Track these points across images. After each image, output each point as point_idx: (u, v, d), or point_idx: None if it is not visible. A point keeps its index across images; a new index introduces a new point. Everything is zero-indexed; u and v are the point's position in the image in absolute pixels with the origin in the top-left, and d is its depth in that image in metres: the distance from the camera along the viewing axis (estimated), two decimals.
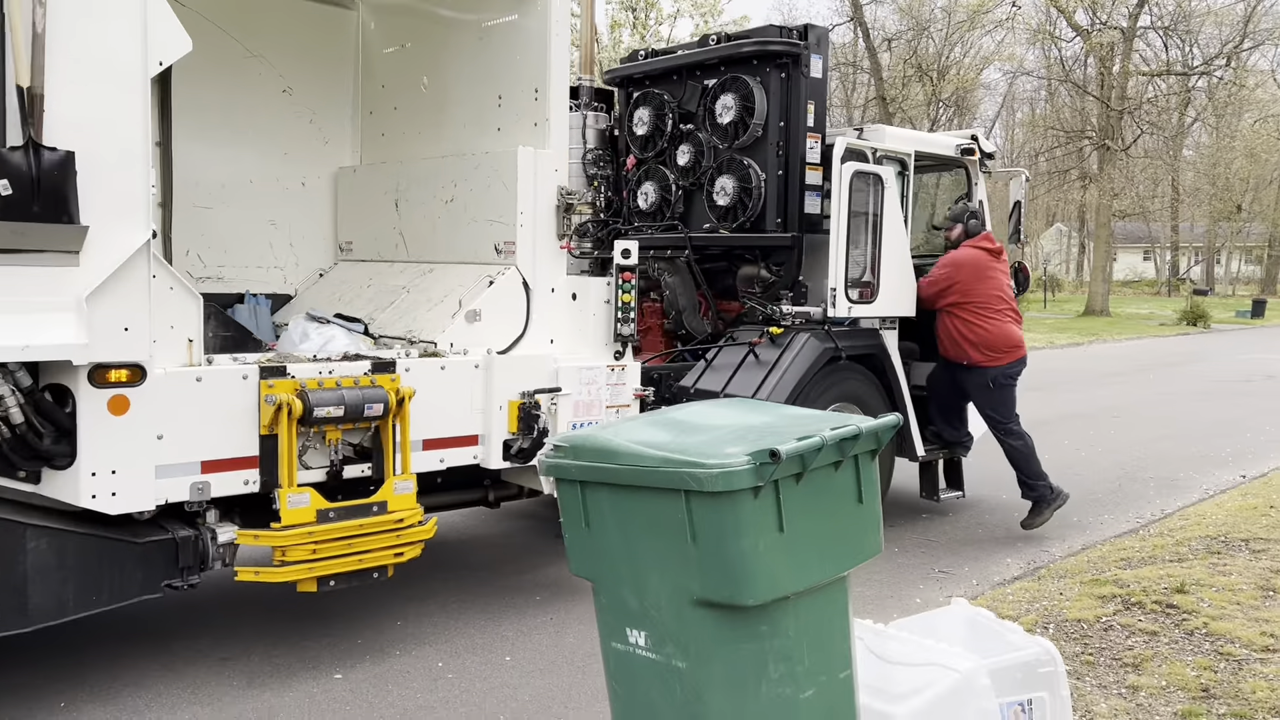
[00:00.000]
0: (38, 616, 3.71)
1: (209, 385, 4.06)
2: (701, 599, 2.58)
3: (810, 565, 2.67)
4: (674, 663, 2.66)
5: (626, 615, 2.74)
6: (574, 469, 2.77)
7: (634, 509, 2.67)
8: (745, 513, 2.50)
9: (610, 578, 2.77)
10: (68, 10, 3.54)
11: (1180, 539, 6.09)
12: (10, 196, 3.43)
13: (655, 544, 2.63)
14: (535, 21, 5.22)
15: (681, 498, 2.53)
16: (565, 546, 2.85)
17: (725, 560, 2.53)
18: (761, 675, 2.62)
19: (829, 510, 2.73)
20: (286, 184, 6.30)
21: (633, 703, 2.79)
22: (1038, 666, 3.16)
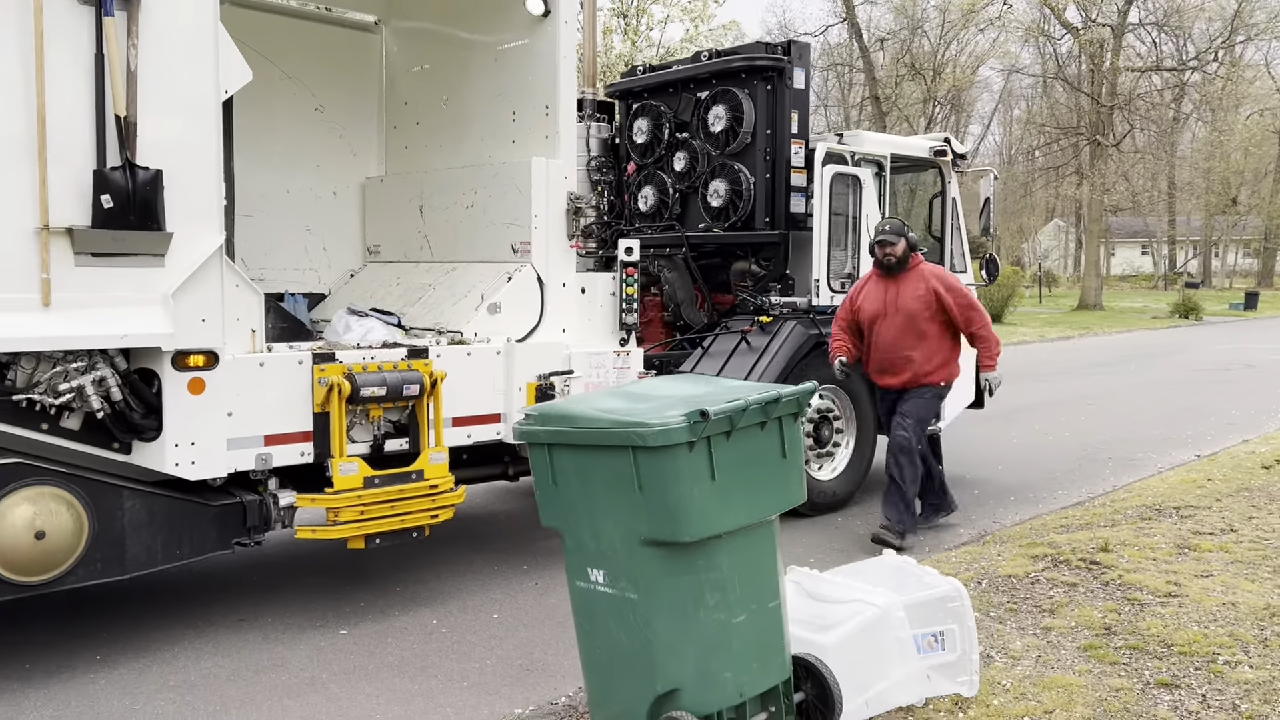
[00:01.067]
0: (132, 566, 4.34)
1: (270, 369, 4.69)
2: (648, 539, 3.15)
3: (739, 509, 3.25)
4: (627, 595, 3.23)
5: (587, 557, 3.32)
6: (542, 434, 3.35)
7: (591, 465, 3.24)
8: (681, 464, 3.08)
9: (573, 526, 3.34)
10: (155, 49, 4.18)
11: (1118, 508, 6.65)
12: (111, 209, 4.06)
13: (609, 494, 3.20)
14: (546, 45, 5.85)
15: (630, 454, 3.11)
16: (537, 502, 3.42)
17: (666, 504, 3.10)
18: (700, 603, 3.20)
19: (756, 463, 3.31)
20: (319, 193, 6.95)
21: (595, 632, 3.36)
22: (947, 601, 3.77)
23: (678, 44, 22.09)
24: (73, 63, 4.01)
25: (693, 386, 3.61)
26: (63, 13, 3.97)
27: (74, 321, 4.04)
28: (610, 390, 3.82)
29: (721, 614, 3.21)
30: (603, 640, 3.35)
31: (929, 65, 39.52)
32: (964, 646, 3.78)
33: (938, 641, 3.76)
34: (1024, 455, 9.15)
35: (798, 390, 3.42)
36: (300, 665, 4.39)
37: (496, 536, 6.49)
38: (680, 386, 3.61)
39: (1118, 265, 62.70)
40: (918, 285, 6.10)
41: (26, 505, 4.01)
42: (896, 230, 6.13)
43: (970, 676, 3.79)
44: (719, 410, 3.12)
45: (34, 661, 4.39)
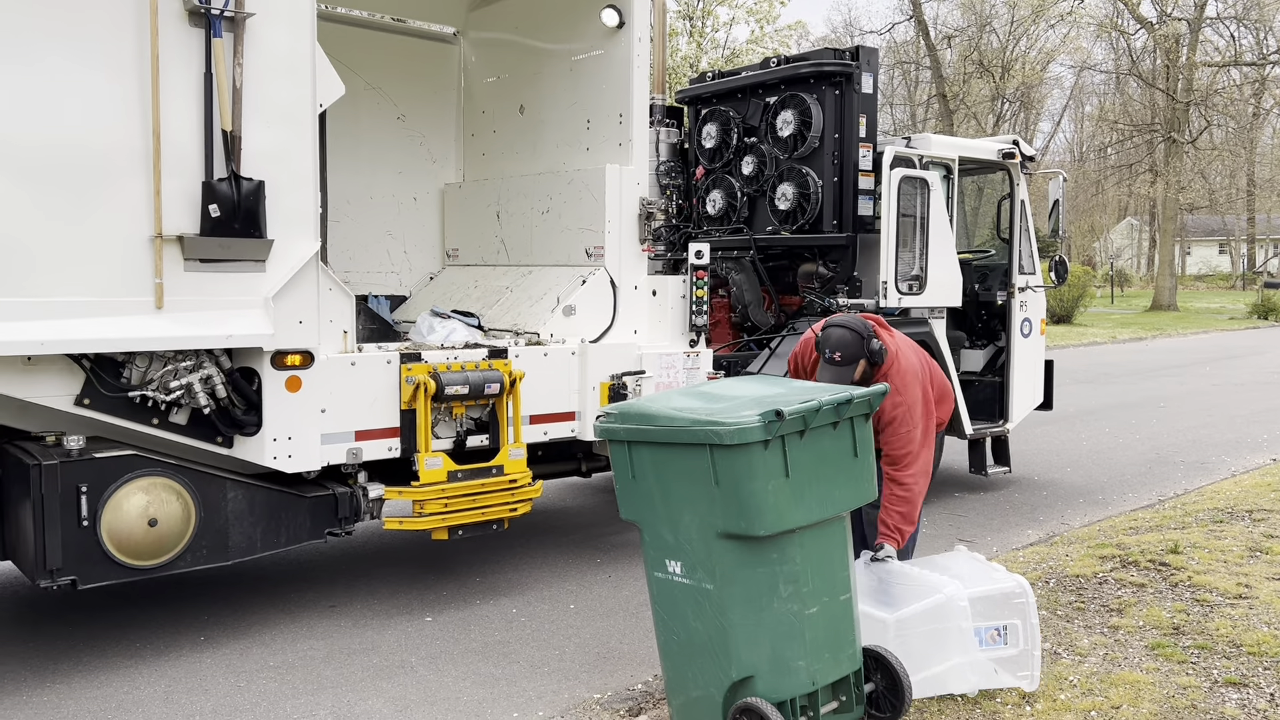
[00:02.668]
0: (235, 553, 4.63)
1: (361, 368, 4.95)
2: (724, 532, 3.32)
3: (812, 505, 3.40)
4: (704, 585, 3.40)
5: (665, 549, 3.50)
6: (622, 431, 3.54)
7: (669, 461, 3.42)
8: (756, 461, 3.24)
9: (651, 519, 3.53)
10: (259, 67, 4.45)
11: (1189, 511, 6.62)
12: (218, 218, 4.34)
13: (686, 489, 3.38)
14: (620, 55, 6.03)
15: (707, 451, 3.28)
16: (616, 496, 3.61)
17: (741, 500, 3.26)
18: (774, 594, 3.36)
19: (828, 462, 3.47)
20: (400, 199, 7.23)
21: (672, 621, 3.53)
22: (1012, 598, 3.86)
23: (743, 45, 22.15)
24: (184, 81, 4.29)
25: (765, 387, 3.76)
26: (176, 35, 4.26)
27: (184, 323, 4.33)
28: (685, 390, 3.99)
29: (795, 605, 3.36)
30: (680, 628, 3.51)
31: (997, 62, 38.94)
32: (1026, 642, 3.87)
33: (1000, 635, 3.86)
34: (1093, 458, 9.09)
35: (869, 392, 3.55)
36: (390, 649, 4.62)
37: (570, 530, 6.70)
38: (753, 387, 3.77)
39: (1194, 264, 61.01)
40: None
41: (140, 494, 4.31)
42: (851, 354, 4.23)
43: (1031, 672, 3.87)
44: (793, 410, 3.27)
45: (143, 641, 4.69)
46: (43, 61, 3.98)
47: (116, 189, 4.18)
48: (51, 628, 4.83)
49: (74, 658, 4.49)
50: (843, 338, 4.26)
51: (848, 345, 4.25)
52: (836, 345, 4.26)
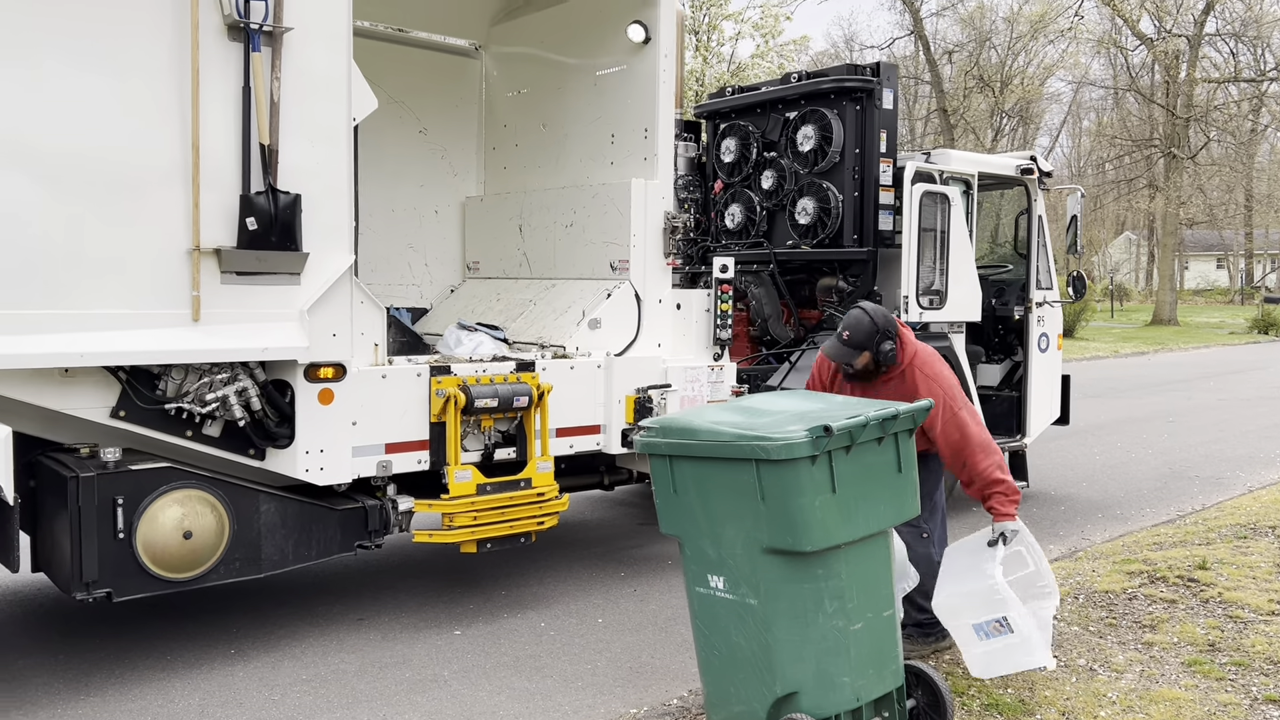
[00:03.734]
0: (267, 566, 4.62)
1: (391, 381, 4.95)
2: (769, 547, 3.30)
3: (857, 521, 3.40)
4: (747, 601, 3.38)
5: (707, 564, 3.48)
6: (663, 445, 3.53)
7: (712, 476, 3.40)
8: (804, 477, 3.23)
9: (693, 533, 3.51)
10: (296, 82, 4.47)
11: (1212, 526, 6.63)
12: (255, 231, 4.35)
13: (730, 504, 3.36)
14: (645, 70, 6.06)
15: (752, 466, 3.26)
16: (656, 510, 3.59)
17: (788, 515, 3.25)
18: (819, 609, 3.35)
19: (874, 477, 3.47)
20: (422, 212, 7.25)
21: (714, 636, 3.52)
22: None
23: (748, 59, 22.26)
24: (222, 95, 4.31)
25: (806, 402, 3.77)
26: (215, 50, 4.28)
27: (220, 336, 4.33)
28: (723, 405, 3.99)
29: (840, 620, 3.36)
30: (722, 643, 3.51)
31: (996, 77, 39.14)
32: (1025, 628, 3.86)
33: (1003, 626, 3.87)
34: (1108, 472, 9.10)
35: (914, 407, 3.56)
36: (421, 663, 4.62)
37: (592, 543, 6.70)
38: (794, 402, 3.77)
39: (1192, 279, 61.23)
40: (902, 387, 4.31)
41: (176, 507, 4.30)
42: (859, 339, 4.23)
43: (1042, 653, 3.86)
44: (841, 426, 3.28)
45: (174, 654, 4.68)
46: (85, 76, 4.00)
47: (155, 202, 4.19)
48: (82, 640, 4.81)
49: (106, 670, 4.47)
50: (859, 320, 4.26)
51: (858, 330, 4.24)
52: (848, 325, 4.28)
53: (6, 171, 3.86)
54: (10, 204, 3.88)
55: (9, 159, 3.87)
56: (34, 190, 3.92)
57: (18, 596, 5.44)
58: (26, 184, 3.91)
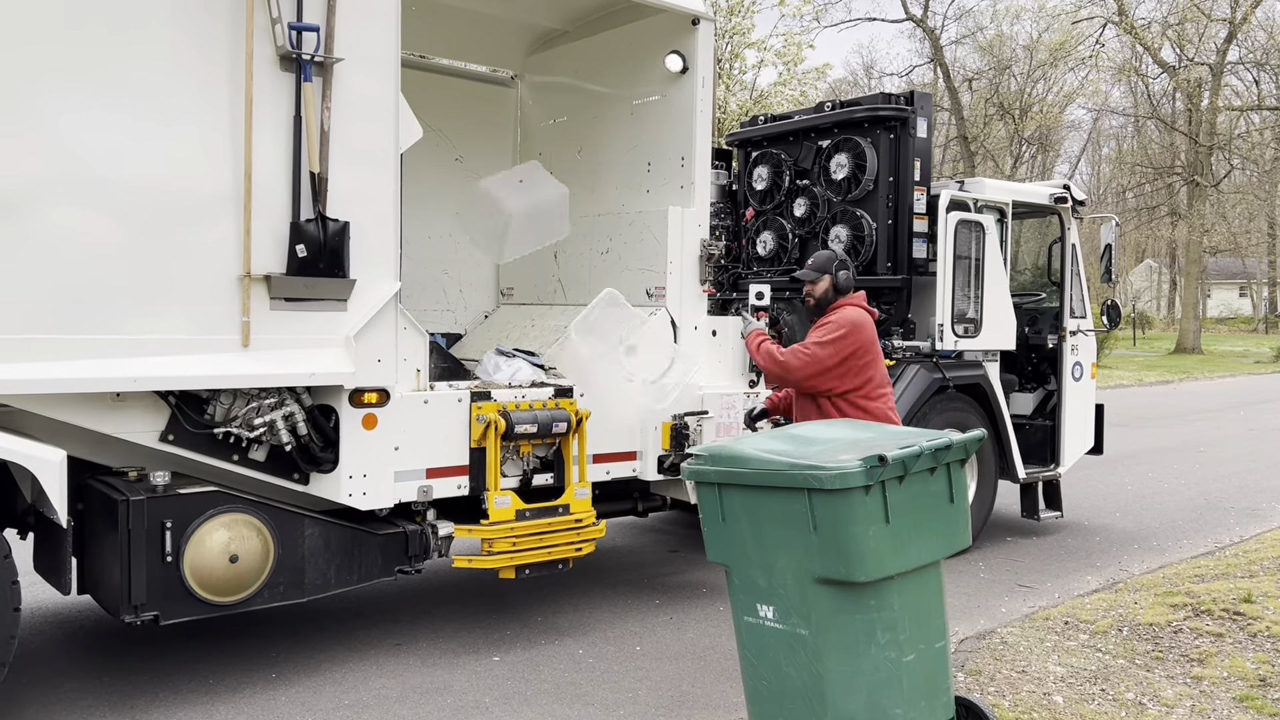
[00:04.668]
0: (310, 590, 4.63)
1: (433, 406, 4.98)
2: (821, 577, 3.28)
3: (910, 551, 3.38)
4: (798, 631, 3.36)
5: (757, 593, 3.45)
6: (713, 474, 3.52)
7: (763, 505, 3.39)
8: (857, 506, 3.21)
9: (742, 562, 3.49)
10: (346, 111, 4.54)
11: (1254, 558, 6.56)
12: (305, 257, 4.41)
13: (781, 533, 3.35)
14: (683, 99, 6.11)
15: (805, 495, 3.25)
16: (704, 539, 3.58)
17: (841, 545, 3.23)
18: (871, 641, 3.32)
19: (926, 507, 3.45)
20: (458, 239, 7.29)
21: (763, 666, 3.49)
22: None
23: (769, 87, 22.36)
24: (274, 125, 4.38)
25: (855, 431, 3.77)
26: (268, 80, 4.35)
27: (269, 361, 4.38)
28: (771, 433, 4.00)
29: (892, 652, 3.34)
30: (770, 674, 3.49)
31: (1016, 105, 39.18)
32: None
33: None
34: (1141, 502, 9.03)
35: (967, 438, 3.56)
36: (462, 689, 4.61)
37: (625, 570, 6.68)
38: (844, 430, 3.77)
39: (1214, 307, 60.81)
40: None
41: (223, 531, 4.33)
42: (820, 264, 4.99)
43: None
44: (895, 455, 3.27)
45: (215, 677, 4.69)
46: (143, 106, 4.08)
47: (207, 229, 4.25)
48: (125, 663, 4.84)
49: (150, 693, 4.49)
50: (821, 252, 5.18)
51: (820, 257, 5.10)
52: (814, 255, 5.17)
53: (67, 200, 3.93)
54: (70, 232, 3.94)
55: (69, 188, 3.94)
56: (93, 218, 3.99)
57: (58, 619, 5.48)
58: (86, 212, 3.98)
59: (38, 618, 5.41)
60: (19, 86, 3.83)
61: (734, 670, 4.84)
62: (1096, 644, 4.97)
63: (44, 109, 3.88)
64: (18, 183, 3.84)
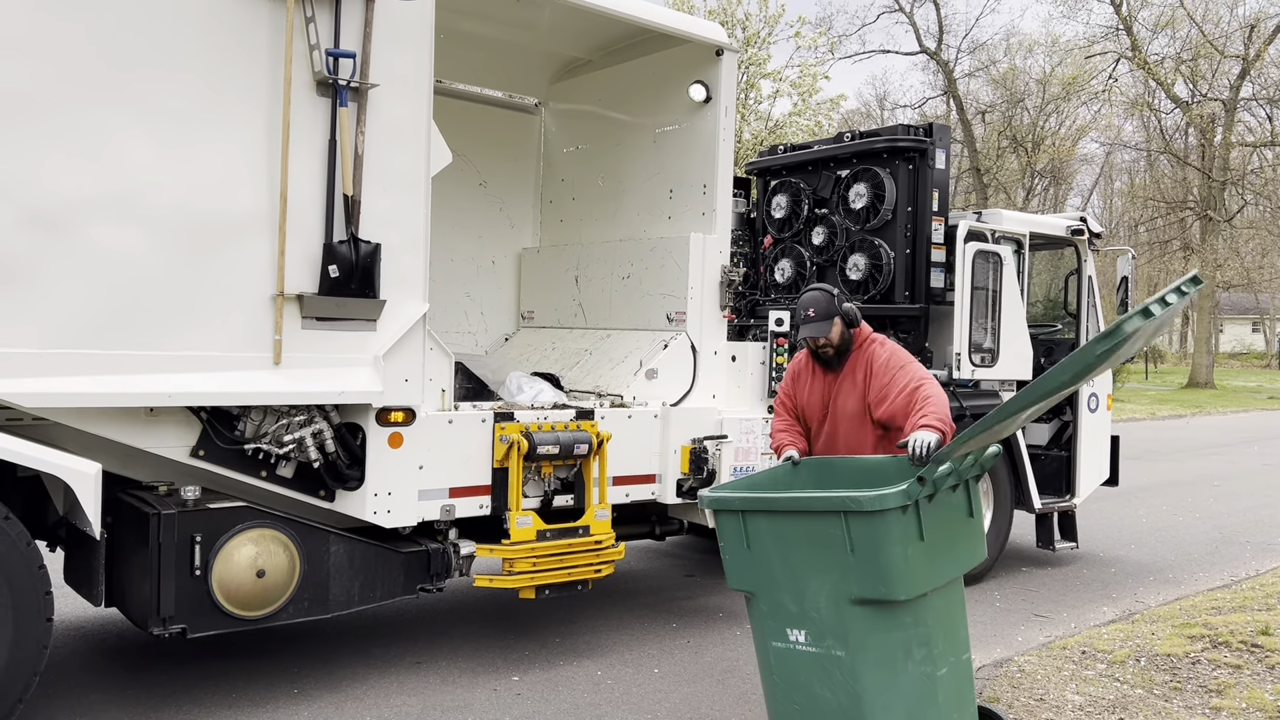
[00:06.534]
0: (334, 606, 4.68)
1: (457, 426, 5.05)
2: (859, 598, 3.32)
3: (941, 567, 3.45)
4: (834, 652, 3.40)
5: (787, 618, 3.48)
6: (736, 501, 3.57)
7: (792, 530, 3.43)
8: (895, 527, 3.27)
9: (770, 588, 3.52)
10: (379, 136, 4.64)
11: (1271, 592, 6.55)
12: (337, 278, 4.49)
13: (814, 556, 3.38)
14: (706, 128, 6.21)
15: (840, 518, 3.30)
16: (725, 566, 3.60)
17: (879, 566, 3.28)
18: (908, 657, 3.38)
19: (952, 523, 3.54)
20: (479, 262, 7.40)
21: (794, 691, 3.51)
22: None
23: (784, 117, 22.55)
24: (309, 148, 4.48)
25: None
26: (304, 105, 4.46)
27: (299, 379, 4.46)
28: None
29: (928, 667, 3.38)
30: (803, 698, 3.51)
31: (1029, 138, 39.34)
32: None
33: None
34: (1155, 535, 9.02)
35: (984, 455, 3.61)
36: (483, 708, 4.64)
37: (641, 593, 6.71)
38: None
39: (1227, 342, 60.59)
40: (858, 375, 4.39)
41: (250, 546, 4.39)
42: (824, 309, 4.37)
43: None
44: (935, 475, 3.33)
45: (239, 692, 4.74)
46: (183, 127, 4.18)
47: (242, 249, 4.34)
48: (149, 676, 4.88)
49: (174, 706, 4.54)
50: (814, 297, 4.43)
51: (819, 302, 4.40)
52: (809, 303, 4.42)
53: (108, 219, 4.03)
54: (110, 250, 4.03)
55: (111, 207, 4.03)
56: (132, 237, 4.08)
57: (82, 632, 5.53)
58: (126, 231, 4.07)
59: (62, 630, 5.46)
60: (64, 109, 3.94)
61: (752, 694, 4.86)
62: (1114, 674, 4.98)
63: (88, 131, 3.98)
64: (61, 202, 3.94)
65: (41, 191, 3.89)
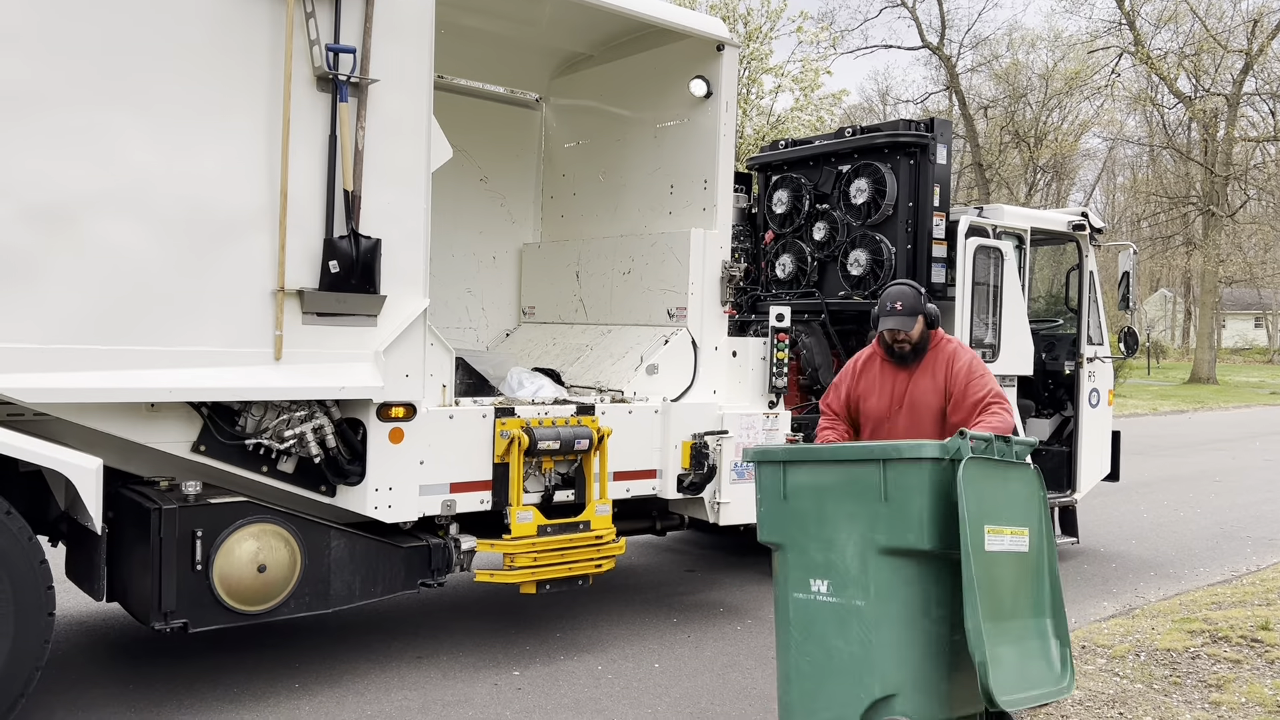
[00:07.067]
0: (335, 601, 4.69)
1: (458, 422, 5.05)
2: (886, 547, 3.40)
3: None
4: (854, 602, 3.47)
5: (812, 568, 3.58)
6: (779, 452, 3.73)
7: (831, 479, 3.55)
8: (931, 476, 3.35)
9: (799, 539, 3.62)
10: (379, 131, 4.64)
11: (1271, 587, 6.56)
12: (337, 273, 4.50)
13: (848, 505, 3.49)
14: (706, 123, 6.21)
15: (879, 466, 3.40)
16: (758, 519, 3.72)
17: (909, 513, 3.35)
18: (925, 614, 3.43)
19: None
20: (480, 258, 7.41)
21: (808, 642, 3.58)
22: None
23: (786, 112, 22.52)
24: (310, 143, 4.49)
25: None
26: (304, 100, 4.46)
27: (300, 374, 4.46)
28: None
29: (943, 628, 3.45)
30: (817, 649, 3.56)
31: (1031, 133, 39.28)
32: None
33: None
34: (1157, 530, 9.02)
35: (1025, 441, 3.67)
36: (483, 702, 4.65)
37: (642, 589, 6.72)
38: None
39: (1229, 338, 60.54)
40: (937, 372, 4.40)
41: (251, 541, 4.40)
42: (911, 305, 4.35)
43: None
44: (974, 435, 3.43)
45: (240, 687, 4.75)
46: (184, 126, 4.18)
47: (243, 244, 4.35)
48: (150, 671, 4.90)
49: (175, 701, 4.55)
50: (903, 291, 4.40)
51: (907, 297, 4.37)
52: (897, 297, 4.38)
53: (109, 215, 4.03)
54: (110, 246, 4.04)
55: (112, 203, 4.04)
56: (133, 232, 4.09)
57: (84, 627, 5.54)
58: (127, 226, 4.08)
59: (64, 625, 5.48)
60: (65, 105, 3.94)
61: (752, 688, 4.88)
62: (1114, 669, 4.99)
63: (88, 126, 3.99)
64: (61, 197, 3.94)
65: (42, 187, 3.90)
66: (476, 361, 6.62)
